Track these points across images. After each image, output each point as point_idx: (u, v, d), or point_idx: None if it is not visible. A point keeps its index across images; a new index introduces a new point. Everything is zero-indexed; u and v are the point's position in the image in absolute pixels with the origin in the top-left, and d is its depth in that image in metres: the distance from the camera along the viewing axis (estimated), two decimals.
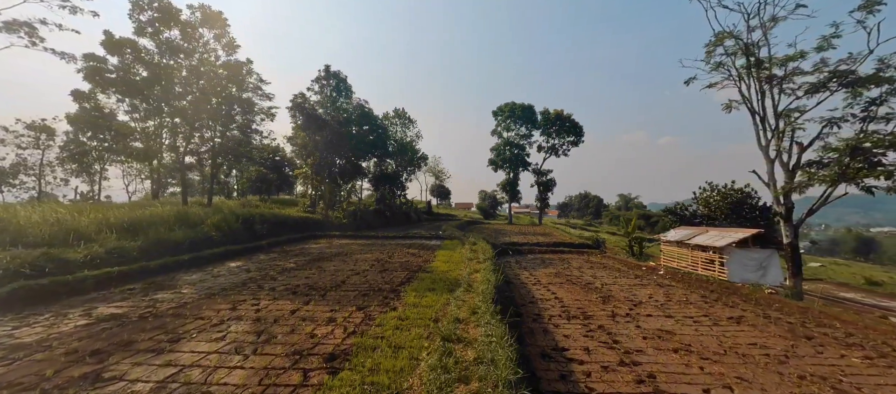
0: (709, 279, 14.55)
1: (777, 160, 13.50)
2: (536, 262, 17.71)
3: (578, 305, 8.47)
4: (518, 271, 14.56)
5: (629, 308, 8.21)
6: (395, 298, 7.79)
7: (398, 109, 47.82)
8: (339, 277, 10.04)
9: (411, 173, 51.60)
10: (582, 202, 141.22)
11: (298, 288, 8.69)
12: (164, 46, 16.67)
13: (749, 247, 14.50)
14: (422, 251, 16.47)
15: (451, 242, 20.13)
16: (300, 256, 14.26)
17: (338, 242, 20.42)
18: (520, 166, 51.20)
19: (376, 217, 35.28)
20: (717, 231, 15.87)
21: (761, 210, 21.86)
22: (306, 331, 5.74)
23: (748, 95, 14.15)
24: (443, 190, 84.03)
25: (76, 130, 25.95)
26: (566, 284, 11.27)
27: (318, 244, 18.73)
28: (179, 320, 6.32)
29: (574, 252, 22.94)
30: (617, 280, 12.25)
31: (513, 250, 22.18)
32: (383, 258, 13.89)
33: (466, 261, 12.52)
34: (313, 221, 25.35)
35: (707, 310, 8.33)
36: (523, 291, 10.44)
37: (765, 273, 14.32)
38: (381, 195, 41.59)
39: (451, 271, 10.99)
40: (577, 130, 50.19)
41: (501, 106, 51.63)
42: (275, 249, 16.21)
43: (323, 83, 33.74)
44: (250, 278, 9.88)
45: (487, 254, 13.24)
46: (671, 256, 17.60)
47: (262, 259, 13.47)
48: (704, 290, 11.19)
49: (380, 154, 39.24)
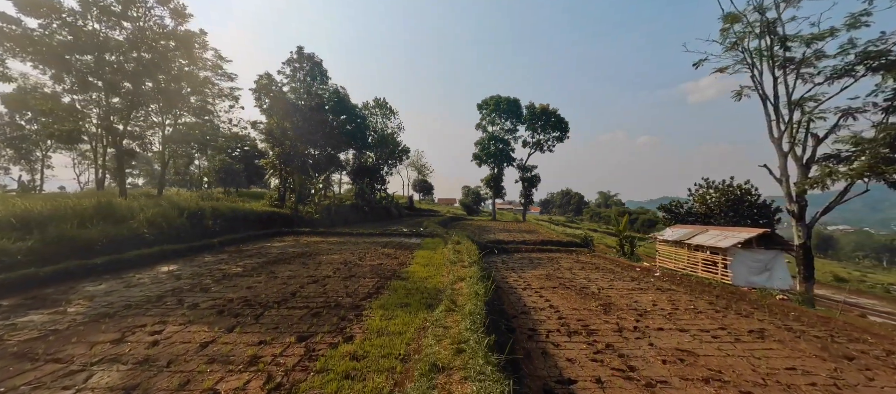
0: (711, 283, 13.41)
1: (790, 154, 12.38)
2: (524, 262, 16.21)
3: (578, 315, 7.41)
4: (506, 273, 13.05)
5: (636, 319, 7.25)
6: (356, 320, 5.91)
7: (379, 98, 45.34)
8: (291, 287, 8.04)
9: (392, 167, 49.33)
10: (563, 199, 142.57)
11: (229, 305, 6.65)
12: (94, 8, 13.92)
13: (753, 248, 13.41)
14: (399, 251, 14.58)
15: (432, 241, 18.33)
16: (254, 258, 12.10)
17: (306, 239, 18.24)
18: (504, 162, 49.86)
19: (353, 212, 32.98)
20: (719, 230, 14.76)
21: (760, 208, 21.15)
22: (205, 386, 3.79)
23: (761, 82, 12.95)
24: (425, 185, 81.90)
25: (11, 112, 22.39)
26: (560, 288, 10.17)
27: (281, 243, 16.51)
28: (19, 364, 4.23)
29: (563, 251, 21.74)
30: (613, 284, 11.23)
31: (499, 249, 20.69)
32: (352, 260, 11.93)
33: (449, 264, 10.76)
34: (280, 217, 22.92)
35: (721, 321, 7.48)
36: (513, 297, 9.09)
37: (770, 276, 13.28)
38: (359, 189, 39.24)
39: (430, 278, 9.20)
40: (563, 125, 49.27)
41: (486, 99, 50.04)
42: (228, 249, 13.94)
43: (295, 66, 30.97)
44: (175, 289, 7.75)
45: (473, 256, 11.52)
46: (668, 257, 16.45)
47: (206, 261, 11.24)
48: (709, 295, 10.38)
49: (358, 146, 36.84)
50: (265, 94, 23.11)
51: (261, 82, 22.96)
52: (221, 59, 22.26)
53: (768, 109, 13.07)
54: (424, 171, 75.95)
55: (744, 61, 13.34)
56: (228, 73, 23.51)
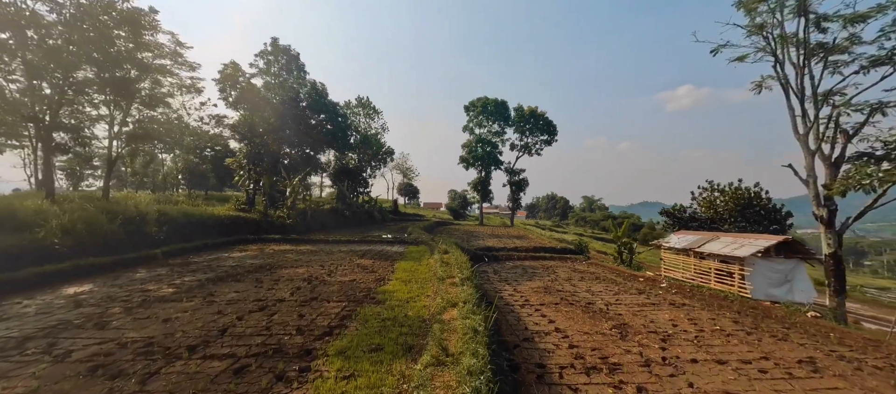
0: (727, 296, 12.06)
1: (817, 152, 11.14)
2: (517, 271, 14.67)
3: (591, 342, 6.27)
4: (499, 286, 11.35)
5: (660, 347, 6.18)
6: (298, 380, 3.97)
7: (361, 97, 43.19)
8: (225, 319, 6.02)
9: (376, 169, 47.14)
10: (549, 204, 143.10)
11: (118, 354, 4.58)
12: None
13: (772, 257, 12.14)
14: (378, 262, 12.62)
15: (416, 250, 16.43)
16: (200, 273, 9.93)
17: (273, 248, 16.05)
18: (492, 165, 48.43)
19: (332, 217, 30.69)
20: (731, 237, 13.47)
21: (769, 212, 20.00)
22: None
23: (784, 73, 11.69)
24: (411, 189, 79.72)
25: None
26: (563, 305, 8.96)
27: (242, 253, 14.30)
28: None
29: (557, 258, 20.34)
30: (620, 298, 10.08)
31: (489, 257, 19.04)
32: (320, 276, 9.90)
33: (436, 280, 8.91)
34: (247, 223, 20.51)
35: (758, 347, 6.46)
36: (511, 317, 7.68)
37: (791, 288, 12.01)
38: (339, 192, 36.92)
39: (413, 300, 7.33)
40: (551, 128, 48.38)
41: (474, 101, 48.62)
42: (173, 261, 11.68)
43: (269, 59, 28.61)
44: (59, 324, 5.61)
45: (464, 269, 9.70)
46: (674, 266, 15.09)
47: (135, 279, 9.02)
48: (730, 311, 9.34)
49: (339, 146, 34.57)
50: (231, 85, 20.72)
51: (226, 72, 20.55)
52: (180, 45, 19.81)
53: (792, 101, 11.86)
54: (410, 174, 73.90)
55: (765, 49, 12.12)
56: (190, 62, 21.05)
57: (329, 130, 31.69)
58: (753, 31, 11.81)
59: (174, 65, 20.80)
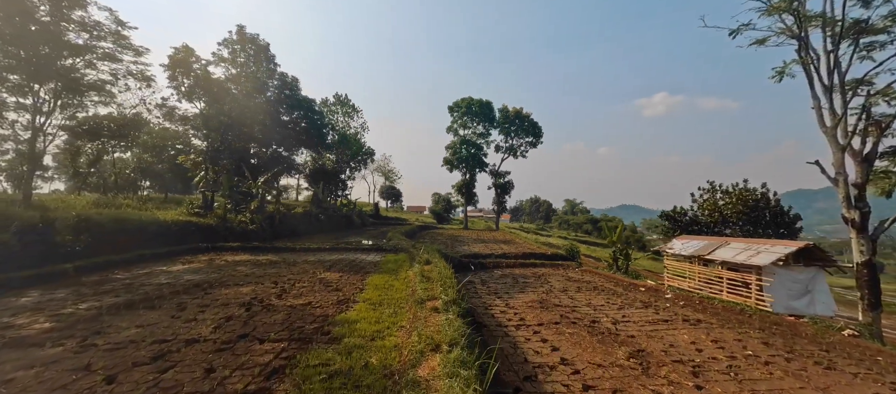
0: (743, 309, 10.74)
1: (847, 147, 9.96)
2: (508, 282, 13.11)
3: (609, 379, 5.05)
4: (489, 300, 9.74)
5: (694, 385, 5.01)
6: None
7: (339, 94, 40.81)
8: (80, 386, 3.96)
9: (355, 170, 44.76)
10: (533, 207, 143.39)
11: None
12: None
13: (790, 265, 10.90)
14: (346, 276, 10.63)
15: (395, 258, 14.49)
16: (109, 296, 7.69)
17: (227, 259, 13.79)
18: (477, 167, 46.92)
19: (306, 222, 28.22)
20: (742, 242, 12.24)
21: (777, 215, 18.82)
22: None
23: (810, 57, 10.49)
24: (393, 192, 77.23)
25: None
26: (564, 324, 7.63)
27: (185, 266, 11.99)
28: None
29: (548, 266, 18.86)
30: (625, 312, 8.85)
31: (476, 265, 17.29)
32: (267, 296, 7.84)
33: (415, 303, 7.04)
34: (202, 229, 17.97)
35: (806, 379, 5.39)
36: (506, 343, 6.34)
37: (812, 300, 10.79)
38: (314, 196, 34.42)
39: (381, 336, 5.44)
40: (536, 130, 47.41)
41: (458, 101, 47.07)
42: (88, 278, 9.32)
43: (235, 48, 26.05)
44: None
45: (450, 289, 7.87)
46: (679, 274, 13.76)
47: (9, 307, 6.73)
48: (752, 328, 8.15)
49: (314, 144, 32.14)
50: (183, 72, 18.13)
51: (176, 57, 17.88)
52: (122, 26, 17.21)
53: (816, 89, 10.71)
54: (392, 176, 71.55)
55: (788, 31, 10.95)
56: (135, 46, 18.43)
57: (303, 128, 29.29)
58: (778, 8, 10.51)
59: (117, 49, 18.17)
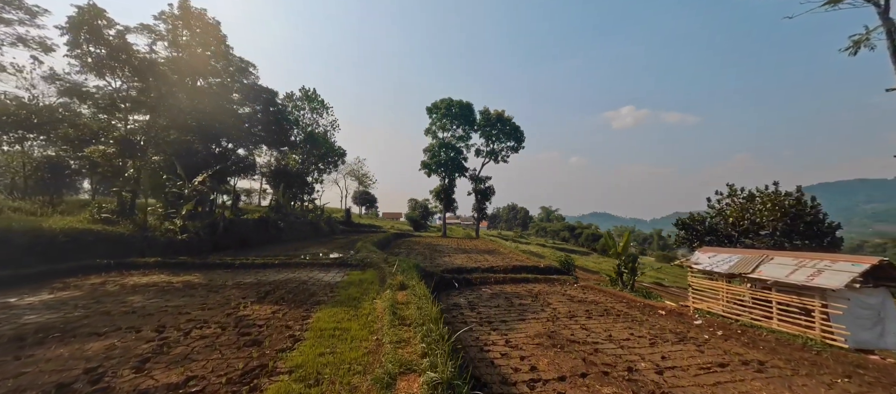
0: (807, 343, 8.47)
1: None
2: (501, 304, 10.64)
3: None
4: (483, 334, 7.46)
5: None
6: None
7: (307, 88, 36.95)
8: None
9: (324, 173, 40.80)
10: (510, 214, 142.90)
11: None
12: None
13: (857, 288, 8.73)
14: (283, 310, 7.32)
15: (360, 278, 11.26)
16: None
17: (123, 282, 10.08)
18: (456, 171, 44.31)
19: (259, 230, 24.20)
20: (789, 257, 10.04)
21: (811, 224, 16.20)
22: None
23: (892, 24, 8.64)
24: (368, 197, 73.11)
25: None
26: (595, 377, 5.42)
27: (54, 294, 8.26)
28: None
29: (542, 281, 16.33)
30: (663, 351, 6.83)
31: (460, 281, 14.34)
32: (116, 367, 4.51)
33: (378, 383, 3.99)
34: (111, 240, 13.90)
35: None
36: None
37: (884, 332, 8.66)
38: (275, 200, 30.34)
39: None
40: (519, 134, 45.63)
41: (437, 102, 44.49)
42: None
43: (176, 23, 22.01)
44: None
45: (439, 350, 4.89)
46: (708, 294, 11.38)
47: None
48: (832, 374, 6.21)
49: (274, 142, 28.21)
50: (90, 39, 13.98)
51: (81, 17, 13.67)
52: None
53: None
54: (366, 181, 67.55)
55: None
56: (26, 5, 14.31)
57: (260, 120, 25.38)
58: None
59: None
